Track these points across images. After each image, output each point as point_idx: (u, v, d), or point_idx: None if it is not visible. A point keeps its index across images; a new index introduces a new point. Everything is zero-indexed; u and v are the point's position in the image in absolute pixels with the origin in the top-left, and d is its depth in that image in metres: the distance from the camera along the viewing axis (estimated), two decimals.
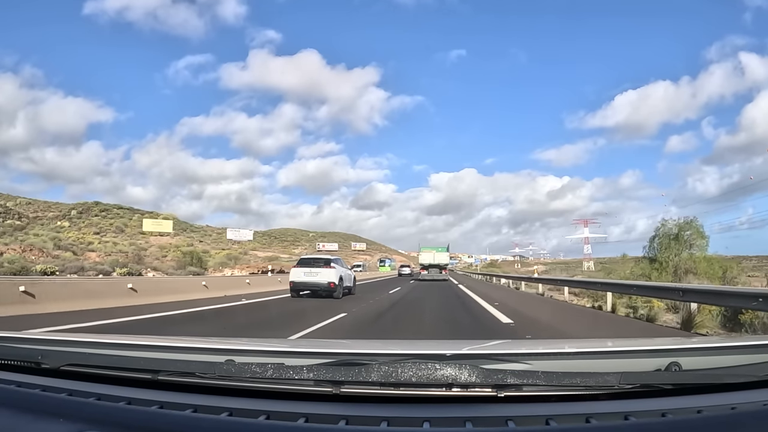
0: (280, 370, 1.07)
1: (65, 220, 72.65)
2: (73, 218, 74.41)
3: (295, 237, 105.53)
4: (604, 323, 9.79)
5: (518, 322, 8.80)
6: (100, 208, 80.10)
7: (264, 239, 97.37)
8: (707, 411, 0.97)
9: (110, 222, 74.40)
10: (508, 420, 0.95)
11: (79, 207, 79.17)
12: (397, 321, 9.43)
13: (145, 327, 7.75)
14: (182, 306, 10.76)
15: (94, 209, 78.77)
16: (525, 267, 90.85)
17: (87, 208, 79.23)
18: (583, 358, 1.43)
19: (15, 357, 1.31)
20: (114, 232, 69.77)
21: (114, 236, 65.36)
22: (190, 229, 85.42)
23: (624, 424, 0.93)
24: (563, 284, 17.81)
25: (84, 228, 69.83)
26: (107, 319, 8.00)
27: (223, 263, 45.40)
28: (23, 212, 67.29)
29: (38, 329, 5.88)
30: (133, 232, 68.85)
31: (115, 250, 47.07)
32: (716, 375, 1.15)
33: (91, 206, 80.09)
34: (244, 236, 69.65)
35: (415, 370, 1.02)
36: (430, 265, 32.75)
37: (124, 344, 1.52)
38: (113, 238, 62.42)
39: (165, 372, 1.14)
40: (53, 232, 54.49)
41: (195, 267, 34.15)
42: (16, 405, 1.02)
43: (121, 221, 74.50)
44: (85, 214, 76.32)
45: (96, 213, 77.38)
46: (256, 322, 9.23)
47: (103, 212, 78.43)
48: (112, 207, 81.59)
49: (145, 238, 64.27)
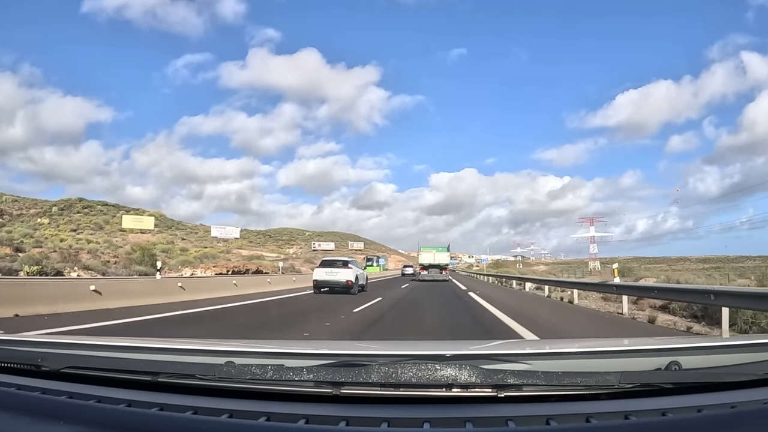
0: (280, 372, 1.07)
1: (45, 217, 71.35)
2: (54, 215, 73.07)
3: (291, 236, 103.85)
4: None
5: None
6: (83, 204, 78.47)
7: (258, 238, 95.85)
8: (707, 410, 0.98)
9: (92, 219, 72.82)
10: (509, 420, 0.95)
11: (62, 204, 77.52)
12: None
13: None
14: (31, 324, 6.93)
15: (76, 206, 77.13)
16: (526, 267, 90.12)
17: (69, 204, 77.68)
18: (583, 358, 1.43)
19: (15, 360, 1.31)
20: (92, 228, 68.27)
21: (91, 233, 63.87)
22: (176, 226, 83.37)
23: (624, 424, 0.93)
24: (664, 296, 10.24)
25: (63, 225, 68.39)
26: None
27: (188, 262, 41.01)
28: (7, 210, 66.11)
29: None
30: (112, 229, 67.37)
31: (64, 245, 42.09)
32: (716, 374, 1.15)
33: (74, 203, 78.44)
34: (230, 234, 67.53)
35: (415, 370, 1.02)
36: (430, 265, 32.53)
37: (124, 346, 1.52)
38: (89, 235, 61.00)
39: (165, 374, 1.14)
40: (30, 229, 53.44)
41: (145, 267, 28.57)
42: (16, 408, 1.02)
43: (103, 218, 72.83)
44: (66, 211, 74.84)
45: (78, 210, 75.82)
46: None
47: (86, 209, 76.87)
48: (96, 204, 79.73)
49: (123, 235, 62.50)
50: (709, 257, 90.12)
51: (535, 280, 23.96)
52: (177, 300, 12.03)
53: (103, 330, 6.94)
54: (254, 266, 39.83)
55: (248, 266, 39.45)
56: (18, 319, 7.72)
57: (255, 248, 77.37)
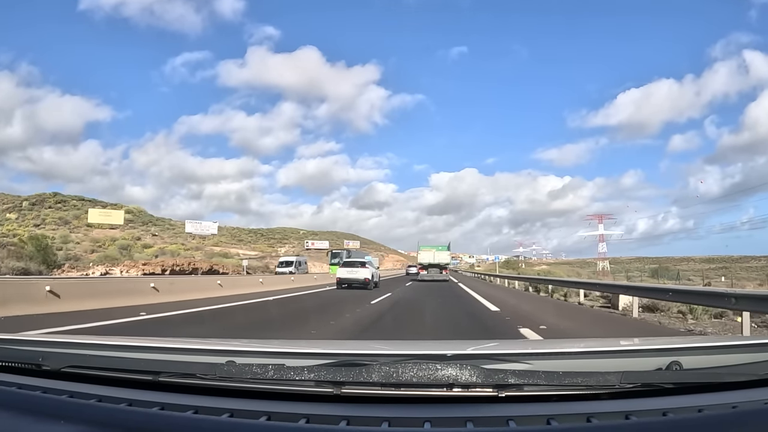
0: (280, 371, 1.07)
1: (14, 212, 69.57)
2: (24, 210, 71.20)
3: (284, 235, 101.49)
4: None
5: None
6: (56, 199, 75.93)
7: (250, 236, 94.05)
8: (708, 410, 0.97)
9: (62, 214, 70.51)
10: (509, 420, 0.95)
11: (33, 198, 75.16)
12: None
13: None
14: None
15: (49, 201, 74.88)
16: (528, 267, 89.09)
17: (42, 199, 75.33)
18: (584, 358, 1.43)
19: (16, 359, 1.31)
20: (56, 224, 66.28)
21: (53, 229, 61.89)
22: (153, 222, 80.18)
23: (625, 424, 0.93)
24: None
25: (30, 220, 66.60)
26: None
27: (112, 259, 34.81)
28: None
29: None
30: (80, 224, 65.00)
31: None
32: (717, 374, 1.15)
33: (48, 197, 76.03)
34: (207, 230, 62.27)
35: (416, 370, 1.02)
36: (429, 265, 31.89)
37: (125, 346, 1.52)
38: (51, 231, 58.94)
39: (166, 373, 1.14)
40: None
41: (35, 263, 22.11)
42: (17, 407, 1.02)
43: (74, 213, 70.09)
44: (38, 206, 72.80)
45: (50, 205, 73.65)
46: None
47: (59, 204, 74.51)
48: (70, 198, 77.11)
49: (87, 231, 60.65)
50: (713, 257, 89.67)
51: (604, 286, 14.63)
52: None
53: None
54: (207, 265, 35.11)
55: (198, 265, 34.58)
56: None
57: (235, 246, 74.50)
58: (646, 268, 36.15)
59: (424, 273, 31.63)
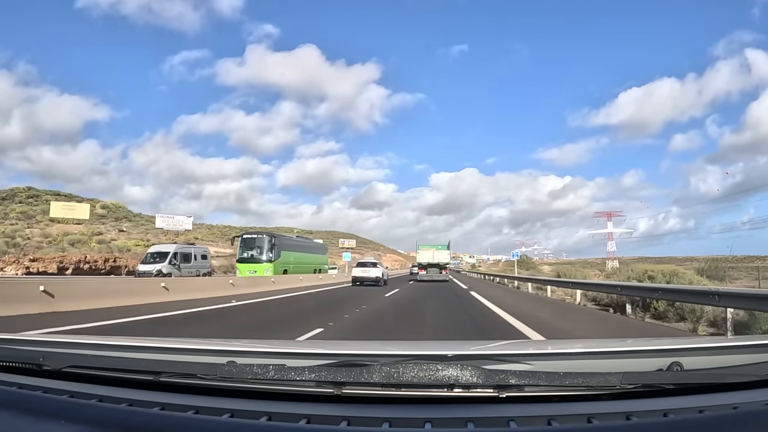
0: (281, 372, 1.07)
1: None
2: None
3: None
4: None
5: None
6: (29, 194, 73.28)
7: (236, 233, 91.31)
8: (709, 411, 0.97)
9: (28, 209, 67.64)
10: (510, 420, 0.95)
11: (4, 193, 72.38)
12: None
13: None
14: None
15: (21, 195, 72.36)
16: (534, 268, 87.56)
17: (14, 194, 72.66)
18: (584, 359, 1.43)
19: (16, 359, 1.31)
20: (16, 218, 63.66)
21: (12, 224, 59.55)
22: (127, 218, 75.96)
23: (626, 424, 0.93)
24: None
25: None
26: None
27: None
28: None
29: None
30: (44, 219, 61.46)
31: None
32: (718, 375, 1.15)
33: (20, 192, 73.46)
34: (180, 224, 55.95)
35: (416, 370, 1.02)
36: (429, 264, 31.32)
37: (126, 346, 1.52)
38: (10, 226, 56.96)
39: (166, 373, 1.14)
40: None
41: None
42: (17, 407, 1.02)
43: (42, 207, 65.96)
44: (8, 201, 70.17)
45: (21, 200, 71.02)
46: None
47: (31, 198, 71.79)
48: (44, 193, 74.16)
49: (48, 226, 57.80)
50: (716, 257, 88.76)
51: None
52: None
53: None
54: (113, 258, 31.11)
55: (125, 262, 31.00)
56: None
57: (212, 243, 67.93)
58: (661, 270, 30.55)
59: (423, 273, 31.11)
